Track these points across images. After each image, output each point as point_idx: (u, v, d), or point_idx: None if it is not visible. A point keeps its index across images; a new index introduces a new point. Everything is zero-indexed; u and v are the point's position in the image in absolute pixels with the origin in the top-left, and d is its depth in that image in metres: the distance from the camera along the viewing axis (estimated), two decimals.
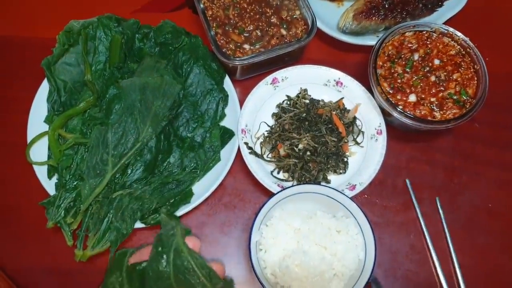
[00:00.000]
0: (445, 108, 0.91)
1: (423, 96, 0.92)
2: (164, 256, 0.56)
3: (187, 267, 0.55)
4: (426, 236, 0.92)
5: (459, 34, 0.94)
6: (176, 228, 0.57)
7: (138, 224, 0.87)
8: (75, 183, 0.88)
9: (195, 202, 0.90)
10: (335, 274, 0.80)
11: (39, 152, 0.93)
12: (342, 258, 0.80)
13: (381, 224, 0.93)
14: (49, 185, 0.90)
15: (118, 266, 0.62)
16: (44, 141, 0.93)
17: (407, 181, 0.96)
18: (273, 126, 0.98)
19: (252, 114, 0.98)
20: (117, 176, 0.88)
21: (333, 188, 0.84)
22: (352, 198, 0.83)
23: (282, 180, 0.93)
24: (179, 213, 0.89)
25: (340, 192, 0.83)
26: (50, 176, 0.91)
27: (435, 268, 0.90)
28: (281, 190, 0.83)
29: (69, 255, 0.87)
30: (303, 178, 0.93)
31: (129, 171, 0.88)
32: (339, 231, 0.82)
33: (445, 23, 1.03)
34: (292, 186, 0.85)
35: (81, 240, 0.86)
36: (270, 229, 0.83)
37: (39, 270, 0.90)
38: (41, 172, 0.91)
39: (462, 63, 0.94)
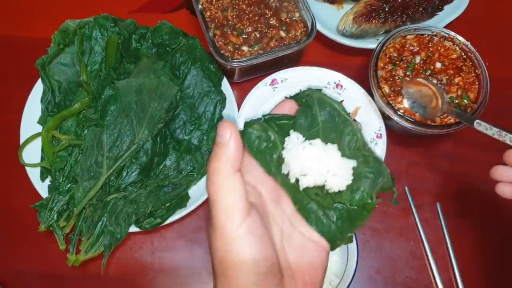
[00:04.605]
0: None
1: None
2: (312, 106, 0.53)
3: (330, 111, 0.52)
4: (425, 243, 0.90)
5: (460, 38, 0.93)
6: (311, 90, 0.55)
7: (133, 228, 0.86)
8: (68, 186, 0.86)
9: (191, 206, 0.88)
10: None
11: (32, 154, 0.91)
12: None
13: (380, 230, 0.92)
14: (42, 188, 0.88)
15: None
16: (38, 142, 0.91)
17: (406, 188, 0.95)
18: None
19: (250, 115, 0.96)
20: (111, 178, 0.86)
21: None
22: None
23: None
24: (175, 217, 0.87)
25: None
26: (43, 178, 0.89)
27: (435, 275, 0.88)
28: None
29: (62, 259, 0.85)
30: None
31: (124, 174, 0.86)
32: None
33: (445, 27, 1.02)
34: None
35: (74, 244, 0.84)
36: None
37: (30, 274, 0.88)
38: (33, 174, 0.89)
39: (464, 67, 0.93)
